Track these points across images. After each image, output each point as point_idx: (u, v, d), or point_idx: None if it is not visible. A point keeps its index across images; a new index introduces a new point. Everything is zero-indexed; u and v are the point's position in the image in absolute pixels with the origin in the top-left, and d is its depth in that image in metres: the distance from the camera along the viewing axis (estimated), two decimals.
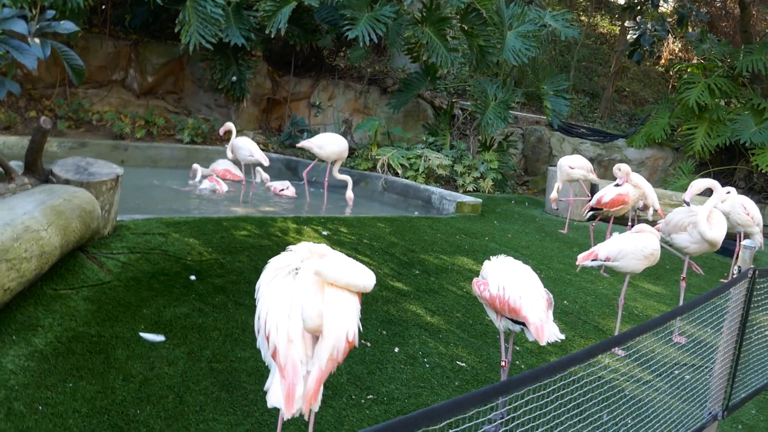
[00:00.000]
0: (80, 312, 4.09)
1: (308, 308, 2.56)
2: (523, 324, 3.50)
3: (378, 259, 6.08)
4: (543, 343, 3.38)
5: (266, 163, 8.46)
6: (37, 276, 4.01)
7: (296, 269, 2.77)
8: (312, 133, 11.65)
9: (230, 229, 5.99)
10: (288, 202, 9.04)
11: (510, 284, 3.55)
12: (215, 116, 11.71)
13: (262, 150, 8.95)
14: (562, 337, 3.42)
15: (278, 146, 11.63)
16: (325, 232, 6.52)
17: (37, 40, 3.96)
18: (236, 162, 9.14)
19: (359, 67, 12.96)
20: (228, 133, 9.11)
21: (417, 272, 5.97)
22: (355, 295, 2.76)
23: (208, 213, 7.50)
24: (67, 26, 4.30)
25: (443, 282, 5.83)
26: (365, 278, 2.72)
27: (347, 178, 8.78)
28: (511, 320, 3.57)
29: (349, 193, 8.76)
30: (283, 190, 9.25)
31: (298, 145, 9.10)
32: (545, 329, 3.39)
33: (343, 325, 2.65)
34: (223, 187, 8.90)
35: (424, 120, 12.27)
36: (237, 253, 5.45)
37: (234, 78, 11.24)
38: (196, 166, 9.22)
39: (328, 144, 8.79)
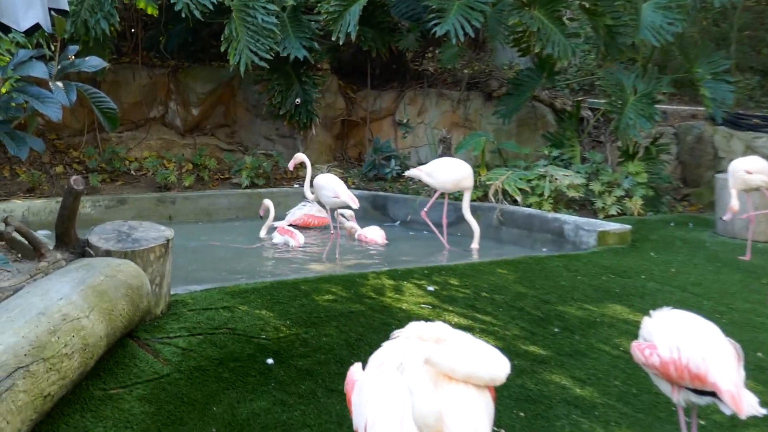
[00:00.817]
0: (136, 416, 4.15)
1: (421, 407, 2.46)
2: (712, 394, 3.36)
3: (503, 316, 6.03)
4: (744, 416, 3.25)
5: (356, 205, 8.66)
6: (81, 375, 4.11)
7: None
8: (400, 159, 11.86)
9: (311, 294, 6.05)
10: (377, 251, 9.22)
11: (687, 343, 3.43)
12: (278, 150, 12.03)
13: None
14: (764, 411, 3.29)
15: (360, 180, 11.84)
16: (430, 288, 6.51)
17: (59, 84, 4.12)
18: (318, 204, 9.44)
19: (454, 70, 13.11)
20: (300, 167, 9.27)
21: (556, 330, 5.88)
22: (484, 390, 2.69)
23: (282, 275, 7.59)
24: (94, 62, 4.48)
25: (591, 340, 5.72)
26: (492, 367, 2.63)
27: (476, 226, 9.03)
28: (694, 391, 3.45)
29: (475, 245, 9.04)
30: (357, 226, 9.55)
31: (407, 173, 9.47)
32: (744, 398, 3.24)
33: (471, 428, 2.57)
34: (299, 240, 9.16)
35: (543, 128, 12.22)
36: (322, 325, 5.47)
37: (298, 100, 11.54)
38: (267, 202, 9.52)
39: (437, 170, 9.09)
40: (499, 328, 5.78)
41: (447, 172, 8.99)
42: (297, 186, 9.13)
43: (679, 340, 3.47)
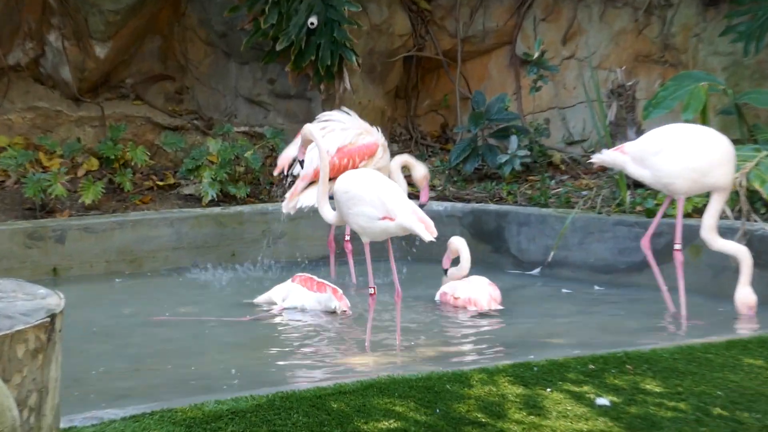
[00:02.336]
0: None
1: None
2: None
3: None
4: None
5: (430, 235, 8.33)
6: None
7: None
8: (529, 135, 12.20)
9: (352, 419, 6.00)
10: (483, 325, 9.40)
11: None
12: (276, 124, 12.39)
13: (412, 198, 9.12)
14: None
15: (445, 180, 12.04)
16: (602, 400, 6.45)
17: None
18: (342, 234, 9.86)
19: None
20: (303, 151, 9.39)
21: None
22: None
23: (291, 379, 7.72)
24: None
25: None
26: None
27: (739, 250, 9.24)
28: None
29: (746, 295, 9.09)
30: (458, 296, 9.71)
31: (596, 159, 9.59)
32: None
33: None
34: (347, 302, 9.65)
35: None
36: None
37: (313, 21, 11.71)
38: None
39: (662, 149, 9.26)
40: None
41: (685, 155, 9.16)
42: (291, 199, 9.22)
43: None
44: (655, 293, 9.64)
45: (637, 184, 11.13)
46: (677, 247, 9.35)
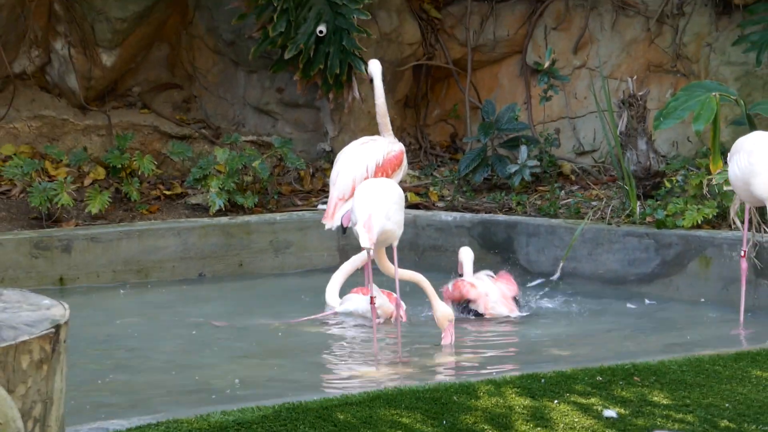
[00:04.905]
0: None
1: None
2: None
3: None
4: None
5: (367, 241, 8.16)
6: None
7: None
8: (539, 146, 12.15)
9: (359, 430, 6.03)
10: (497, 335, 9.50)
11: None
12: (284, 133, 12.40)
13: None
14: None
15: (455, 190, 12.08)
16: (610, 412, 6.43)
17: None
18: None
19: None
20: None
21: None
22: None
23: (301, 388, 7.71)
24: None
25: None
26: None
27: None
28: None
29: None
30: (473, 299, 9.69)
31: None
32: None
33: None
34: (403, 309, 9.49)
35: None
36: None
37: (322, 29, 11.74)
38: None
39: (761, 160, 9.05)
40: None
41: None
42: (323, 207, 9.12)
43: None
44: (665, 304, 9.69)
45: (647, 195, 11.04)
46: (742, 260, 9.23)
